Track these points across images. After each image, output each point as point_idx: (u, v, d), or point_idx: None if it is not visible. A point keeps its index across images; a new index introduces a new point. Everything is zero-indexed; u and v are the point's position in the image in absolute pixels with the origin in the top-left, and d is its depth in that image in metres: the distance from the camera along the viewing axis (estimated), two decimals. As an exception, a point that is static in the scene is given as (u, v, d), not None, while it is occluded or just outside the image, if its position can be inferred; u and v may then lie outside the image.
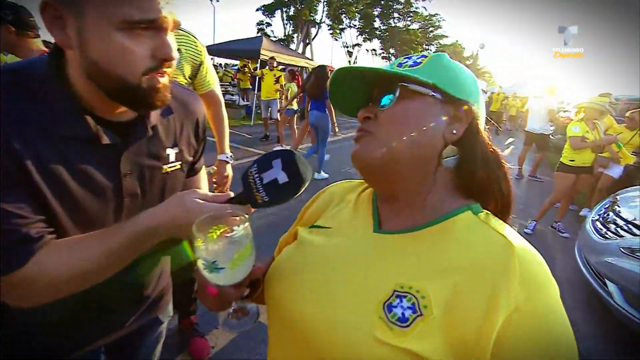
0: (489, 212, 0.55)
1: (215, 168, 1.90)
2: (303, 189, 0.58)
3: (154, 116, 0.73)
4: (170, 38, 0.61)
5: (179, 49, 1.61)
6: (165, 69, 0.62)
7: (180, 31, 1.64)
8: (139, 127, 0.71)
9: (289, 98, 7.01)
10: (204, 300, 0.62)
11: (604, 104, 3.93)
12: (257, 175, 0.57)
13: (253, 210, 0.60)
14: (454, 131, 0.55)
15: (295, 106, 7.12)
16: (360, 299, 0.50)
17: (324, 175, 5.46)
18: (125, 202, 0.72)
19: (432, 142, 0.54)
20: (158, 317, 1.00)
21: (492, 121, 0.61)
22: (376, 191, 0.64)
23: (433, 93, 0.54)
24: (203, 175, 0.96)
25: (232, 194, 0.61)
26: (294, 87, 7.09)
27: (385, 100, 0.56)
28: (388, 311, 0.47)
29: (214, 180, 1.90)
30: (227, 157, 1.87)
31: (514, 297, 0.43)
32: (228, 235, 0.53)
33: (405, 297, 0.47)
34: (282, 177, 0.56)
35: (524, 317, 0.43)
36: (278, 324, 0.59)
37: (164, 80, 0.63)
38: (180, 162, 0.82)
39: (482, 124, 0.58)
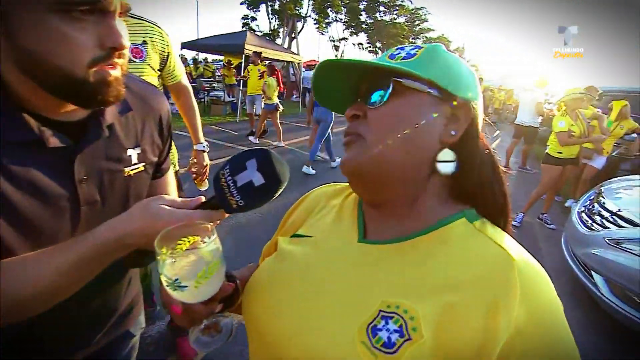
0: (485, 219, 0.51)
1: (195, 160, 1.91)
2: (281, 191, 0.52)
3: (110, 114, 0.66)
4: (120, 24, 0.54)
5: (144, 41, 1.52)
6: (116, 60, 0.55)
7: (144, 22, 1.57)
8: (93, 127, 0.64)
9: (267, 93, 6.92)
10: (172, 316, 0.56)
11: (580, 91, 3.97)
12: (229, 177, 0.50)
13: (227, 215, 0.54)
14: (453, 132, 0.49)
15: (275, 100, 7.03)
16: (341, 320, 0.45)
17: (311, 170, 5.39)
18: (83, 211, 0.65)
19: (428, 144, 0.49)
20: (129, 331, 0.93)
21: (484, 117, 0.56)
22: (364, 198, 0.59)
23: (430, 90, 0.49)
24: (171, 177, 0.89)
25: (203, 199, 0.55)
26: (272, 82, 6.97)
27: (376, 96, 0.51)
28: (372, 335, 0.42)
29: (194, 170, 1.93)
30: (203, 147, 1.91)
31: (514, 318, 0.38)
32: (192, 251, 0.48)
33: (391, 318, 0.42)
34: (258, 179, 0.50)
35: (527, 340, 0.38)
36: (256, 340, 0.55)
37: (115, 72, 0.56)
38: (144, 164, 0.74)
39: (480, 123, 0.53)
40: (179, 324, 0.56)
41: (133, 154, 0.72)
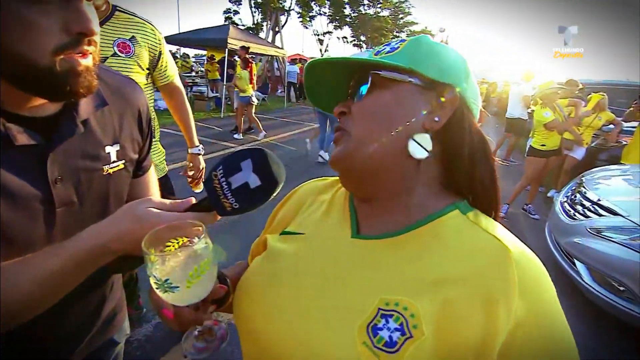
0: (478, 211, 0.50)
1: (191, 164, 1.87)
2: (277, 192, 0.50)
3: (85, 109, 0.61)
4: (89, 8, 0.50)
5: (133, 36, 1.45)
6: (86, 48, 0.51)
7: (135, 18, 1.49)
8: (66, 123, 0.59)
9: (239, 86, 6.86)
10: (164, 320, 0.53)
11: (552, 86, 4.08)
12: (223, 179, 0.48)
13: (219, 217, 0.52)
14: (436, 119, 0.48)
15: (250, 93, 6.97)
16: (340, 321, 0.43)
17: (326, 156, 5.59)
18: (59, 213, 0.61)
19: (412, 133, 0.48)
20: (112, 339, 0.88)
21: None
22: (355, 194, 0.58)
23: (410, 79, 0.48)
24: (152, 176, 0.84)
25: (193, 200, 0.52)
26: (245, 74, 6.90)
27: (361, 92, 0.51)
28: (373, 335, 0.40)
29: (190, 174, 1.89)
30: (198, 150, 1.88)
31: (514, 310, 0.38)
32: (182, 250, 0.46)
33: (391, 316, 0.41)
34: (254, 181, 0.48)
35: (528, 332, 0.38)
36: (250, 343, 0.52)
37: (86, 62, 0.52)
38: (123, 161, 0.70)
39: (475, 109, 0.52)
40: (171, 328, 0.53)
41: (112, 151, 0.68)
